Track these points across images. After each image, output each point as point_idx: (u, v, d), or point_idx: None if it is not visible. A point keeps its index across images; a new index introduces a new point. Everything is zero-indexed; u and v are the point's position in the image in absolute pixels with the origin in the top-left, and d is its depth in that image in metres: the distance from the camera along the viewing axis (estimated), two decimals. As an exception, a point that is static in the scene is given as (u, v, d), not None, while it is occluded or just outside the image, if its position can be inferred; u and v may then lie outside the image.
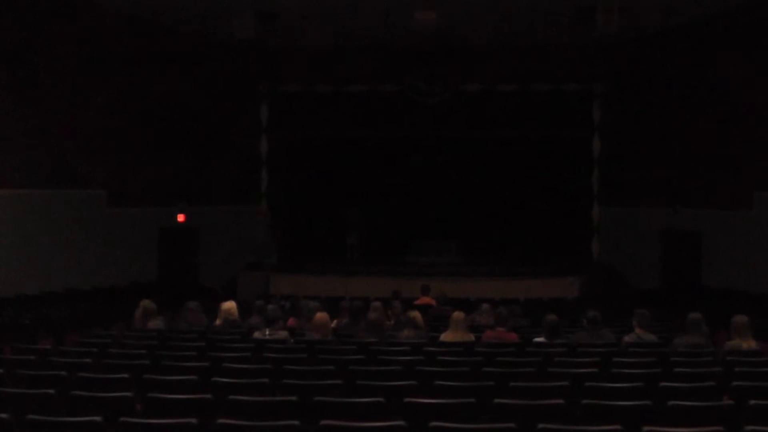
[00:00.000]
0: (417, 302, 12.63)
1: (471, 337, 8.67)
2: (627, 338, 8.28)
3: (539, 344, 8.27)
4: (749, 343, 7.67)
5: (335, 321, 9.76)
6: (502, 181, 21.29)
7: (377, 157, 21.51)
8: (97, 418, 5.13)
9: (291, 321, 10.10)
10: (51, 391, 5.93)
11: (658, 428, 4.96)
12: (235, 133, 19.77)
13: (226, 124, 19.53)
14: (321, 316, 8.89)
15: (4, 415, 5.16)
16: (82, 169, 15.72)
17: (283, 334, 8.64)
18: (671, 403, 5.54)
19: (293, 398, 5.75)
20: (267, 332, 8.56)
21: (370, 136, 20.83)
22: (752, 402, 5.57)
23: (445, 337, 8.64)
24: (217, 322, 9.72)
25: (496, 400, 5.73)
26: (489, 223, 20.98)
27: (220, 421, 5.16)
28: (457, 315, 8.75)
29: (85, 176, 15.79)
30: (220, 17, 16.15)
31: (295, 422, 5.13)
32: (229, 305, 9.74)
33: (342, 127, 20.57)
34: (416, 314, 9.13)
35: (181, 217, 18.27)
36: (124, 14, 16.34)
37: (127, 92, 16.76)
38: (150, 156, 17.41)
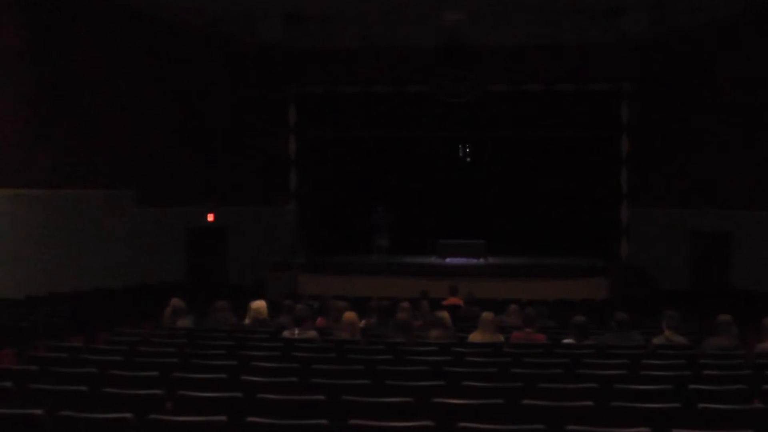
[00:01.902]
0: (445, 302, 12.63)
1: (500, 337, 8.64)
2: (656, 340, 8.21)
3: (567, 345, 8.24)
4: (781, 346, 7.58)
5: (363, 321, 9.76)
6: (530, 181, 21.33)
7: (403, 157, 21.61)
8: (128, 415, 5.18)
9: (320, 321, 10.13)
10: (82, 388, 5.99)
11: (687, 431, 4.93)
12: (262, 133, 19.84)
13: (254, 125, 19.61)
14: (349, 315, 8.90)
15: (37, 411, 5.23)
16: (110, 169, 15.87)
17: (311, 333, 8.65)
18: (701, 405, 5.49)
19: (322, 397, 5.76)
20: (296, 332, 8.59)
21: (396, 136, 20.85)
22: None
23: (474, 337, 8.62)
24: (247, 321, 9.77)
25: (525, 401, 5.72)
26: (516, 223, 20.97)
27: (250, 419, 5.18)
28: (486, 315, 8.72)
29: (113, 176, 15.95)
30: (247, 19, 16.27)
31: (324, 421, 5.14)
32: (259, 304, 9.78)
33: (368, 128, 20.56)
34: (444, 314, 9.10)
35: (210, 217, 18.43)
36: (150, 15, 16.52)
37: (153, 92, 16.92)
38: (178, 156, 17.59)
